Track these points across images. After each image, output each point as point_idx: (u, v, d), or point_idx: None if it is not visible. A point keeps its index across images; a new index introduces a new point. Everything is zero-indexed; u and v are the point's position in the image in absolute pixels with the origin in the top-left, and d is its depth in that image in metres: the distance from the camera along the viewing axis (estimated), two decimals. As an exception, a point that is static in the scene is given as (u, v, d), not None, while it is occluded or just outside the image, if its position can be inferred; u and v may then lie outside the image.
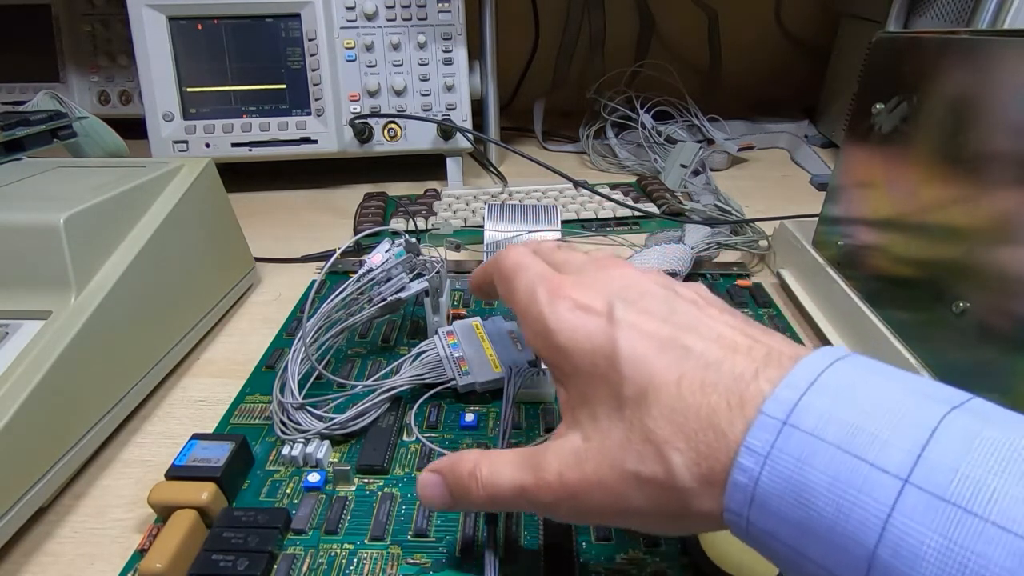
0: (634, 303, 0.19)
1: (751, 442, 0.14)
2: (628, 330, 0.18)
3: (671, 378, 0.16)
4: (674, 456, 0.16)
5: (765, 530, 0.14)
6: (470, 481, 0.20)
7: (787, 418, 0.14)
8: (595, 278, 0.20)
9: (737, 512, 0.15)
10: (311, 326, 0.33)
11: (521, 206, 0.47)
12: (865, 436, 0.13)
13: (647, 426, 0.16)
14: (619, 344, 0.18)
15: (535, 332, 0.20)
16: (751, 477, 0.14)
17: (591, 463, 0.18)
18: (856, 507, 0.13)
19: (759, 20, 0.91)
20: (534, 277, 0.21)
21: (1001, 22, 0.52)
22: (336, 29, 0.62)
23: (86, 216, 0.31)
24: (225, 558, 0.23)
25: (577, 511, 0.18)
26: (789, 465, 0.14)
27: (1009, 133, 0.26)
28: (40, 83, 0.76)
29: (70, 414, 0.28)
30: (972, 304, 0.27)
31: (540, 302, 0.20)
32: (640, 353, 0.17)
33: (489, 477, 0.20)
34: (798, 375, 0.15)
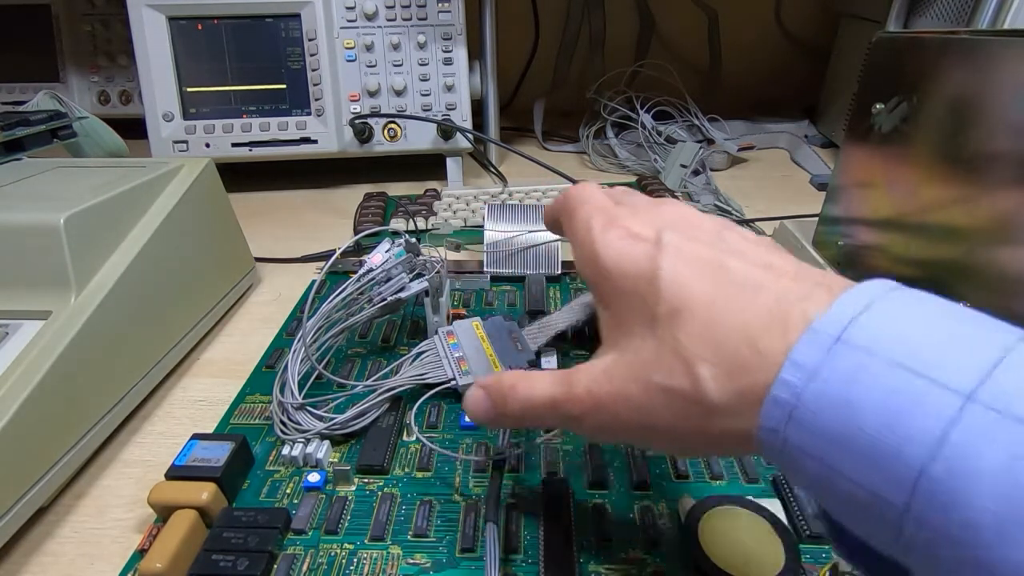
0: (683, 231, 0.19)
1: (796, 357, 0.14)
2: (672, 253, 0.18)
3: (708, 297, 0.16)
4: (702, 369, 0.16)
5: (800, 447, 0.14)
6: (510, 392, 0.21)
7: (840, 335, 0.14)
8: (650, 211, 0.20)
9: (772, 429, 0.14)
10: (311, 326, 0.33)
11: (521, 206, 0.47)
12: (925, 354, 0.13)
13: (678, 340, 0.16)
14: (660, 265, 0.18)
15: (585, 258, 0.20)
16: (794, 393, 0.14)
17: (619, 377, 0.18)
18: (909, 421, 0.12)
19: (759, 20, 0.91)
20: (592, 209, 0.21)
21: (1001, 22, 0.52)
22: (336, 29, 0.62)
23: (86, 216, 0.31)
24: (225, 558, 0.23)
25: (602, 424, 0.19)
26: (838, 380, 0.13)
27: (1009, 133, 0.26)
28: (40, 83, 0.76)
29: (70, 414, 0.28)
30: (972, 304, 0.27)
31: (594, 229, 0.20)
32: (679, 272, 0.17)
33: (526, 390, 0.21)
34: (854, 296, 0.14)
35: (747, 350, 0.15)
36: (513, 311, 0.42)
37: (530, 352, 0.34)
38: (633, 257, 0.19)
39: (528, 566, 0.24)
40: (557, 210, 0.25)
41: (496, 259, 0.45)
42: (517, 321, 0.37)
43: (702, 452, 0.18)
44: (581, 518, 0.26)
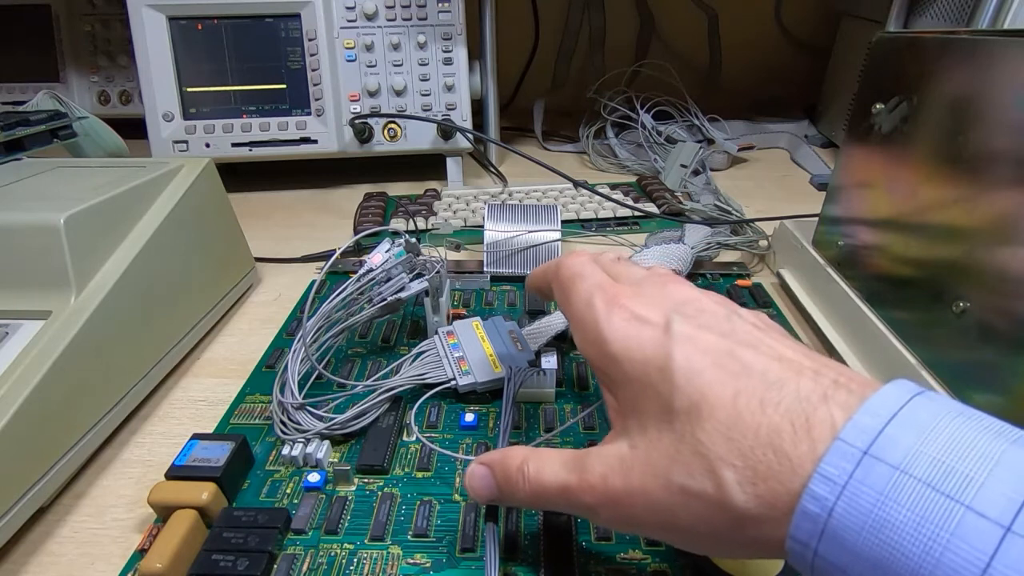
0: (692, 318, 0.18)
1: (826, 469, 0.14)
2: (684, 343, 0.17)
3: (727, 393, 0.16)
4: (726, 473, 0.15)
5: (835, 564, 0.14)
6: (517, 476, 0.20)
7: (868, 448, 0.13)
8: (653, 292, 0.20)
9: (803, 542, 0.14)
10: (311, 326, 0.33)
11: (521, 206, 0.47)
12: (958, 476, 0.13)
13: (698, 439, 0.16)
14: (673, 355, 0.17)
15: (589, 340, 0.20)
16: (824, 507, 0.14)
17: (636, 472, 0.17)
18: (949, 551, 0.12)
19: (759, 20, 0.91)
20: (592, 286, 0.21)
21: (1001, 22, 0.52)
22: (336, 29, 0.62)
23: (86, 216, 0.31)
24: (225, 558, 0.23)
25: (618, 518, 0.18)
26: (870, 499, 0.13)
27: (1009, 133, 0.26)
28: (40, 83, 0.76)
29: (70, 414, 0.28)
30: (972, 304, 0.27)
31: (596, 310, 0.20)
32: (695, 365, 0.17)
33: (536, 474, 0.20)
34: (878, 404, 0.14)
35: (772, 455, 0.15)
36: (513, 311, 0.42)
37: (530, 352, 0.34)
38: (641, 342, 0.18)
39: (528, 566, 0.24)
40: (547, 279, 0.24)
41: (496, 259, 0.45)
42: (517, 321, 0.37)
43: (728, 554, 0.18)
44: (581, 518, 0.26)
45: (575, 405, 0.33)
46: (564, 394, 0.34)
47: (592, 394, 0.34)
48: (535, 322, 0.36)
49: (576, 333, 0.21)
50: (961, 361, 0.28)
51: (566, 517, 0.25)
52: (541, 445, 0.30)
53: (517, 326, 0.36)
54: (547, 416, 0.32)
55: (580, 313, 0.21)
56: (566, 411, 0.32)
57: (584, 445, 0.30)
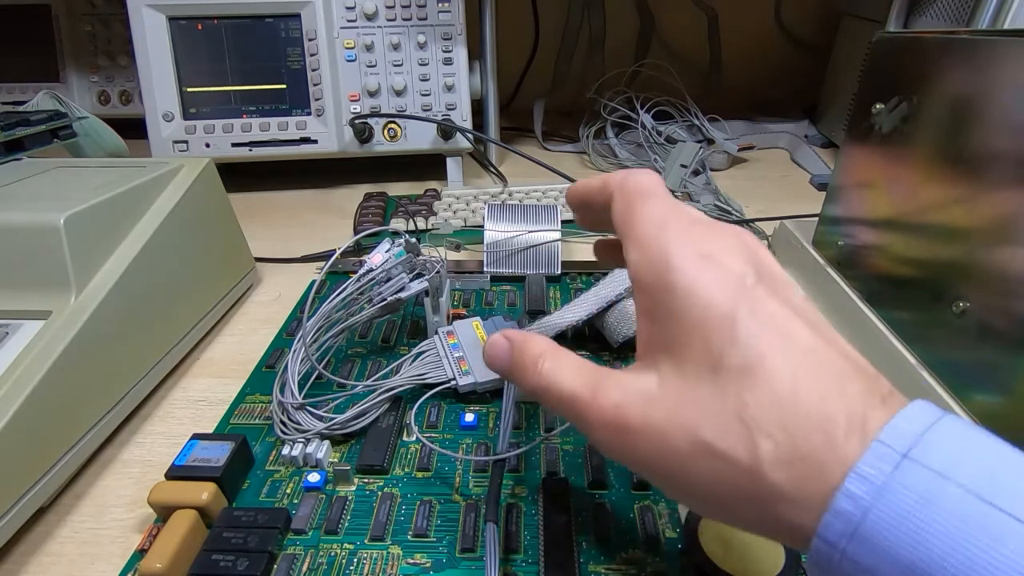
0: (768, 280, 0.17)
1: (863, 468, 0.13)
2: (755, 300, 0.16)
3: (787, 366, 0.15)
4: (765, 444, 0.14)
5: (863, 566, 0.13)
6: (531, 363, 0.19)
7: (908, 451, 0.13)
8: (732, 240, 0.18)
9: (831, 542, 0.13)
10: (311, 326, 0.33)
11: (521, 206, 0.47)
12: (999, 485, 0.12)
13: (744, 401, 0.15)
14: (739, 308, 0.16)
15: (649, 260, 0.18)
16: (859, 507, 0.13)
17: (659, 411, 0.16)
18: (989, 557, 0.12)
19: (759, 20, 0.91)
20: (667, 208, 0.19)
21: (1001, 22, 0.52)
22: (336, 29, 0.62)
23: (86, 216, 0.31)
24: (225, 558, 0.23)
25: (618, 446, 0.17)
26: (908, 502, 0.13)
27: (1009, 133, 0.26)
28: (40, 83, 0.76)
29: (70, 414, 0.28)
30: (972, 304, 0.27)
31: (668, 232, 0.18)
32: (761, 328, 0.16)
33: (549, 372, 0.19)
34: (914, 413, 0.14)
35: (821, 438, 0.14)
36: (513, 311, 0.42)
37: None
38: (709, 282, 0.17)
39: (528, 566, 0.24)
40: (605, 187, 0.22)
41: (496, 259, 0.45)
42: (517, 321, 0.37)
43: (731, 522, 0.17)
44: (581, 518, 0.26)
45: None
46: (564, 394, 0.34)
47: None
48: (535, 322, 0.36)
49: (633, 250, 0.19)
50: (961, 361, 0.28)
51: (566, 517, 0.25)
52: (541, 446, 0.30)
53: (517, 326, 0.36)
54: (547, 416, 0.32)
55: (647, 231, 0.19)
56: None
57: (584, 446, 0.30)
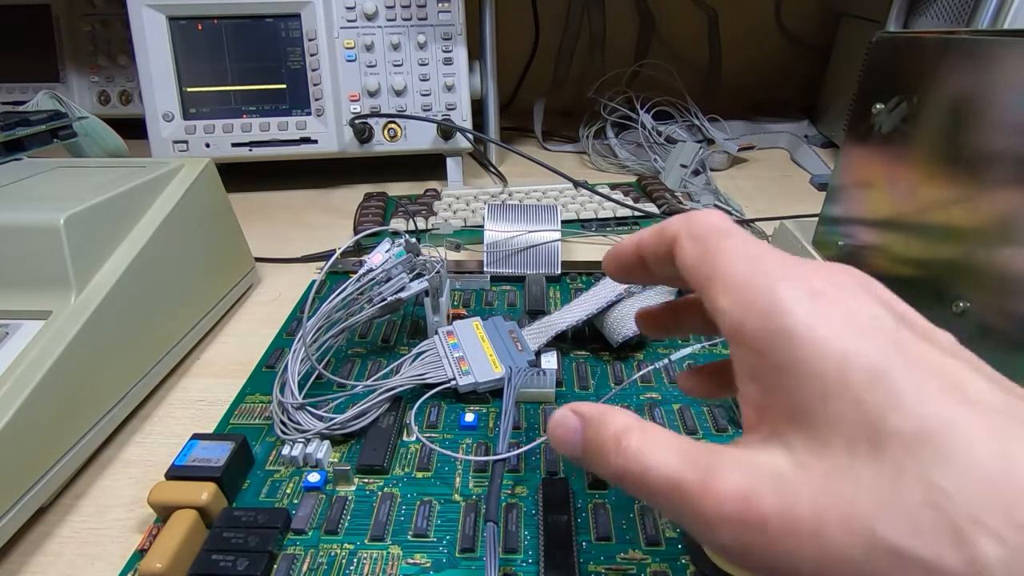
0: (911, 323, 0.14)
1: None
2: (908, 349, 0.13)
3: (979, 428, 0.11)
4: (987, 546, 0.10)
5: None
6: (612, 444, 0.15)
7: None
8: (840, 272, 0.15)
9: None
10: (311, 326, 0.33)
11: (521, 206, 0.47)
12: None
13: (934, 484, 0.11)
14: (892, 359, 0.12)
15: (750, 304, 0.14)
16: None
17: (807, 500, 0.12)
18: None
19: (759, 20, 0.91)
20: (757, 244, 0.16)
21: (1001, 22, 0.52)
22: (336, 29, 0.62)
23: (86, 216, 0.31)
24: (225, 558, 0.23)
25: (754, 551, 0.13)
26: None
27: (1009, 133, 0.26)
28: (40, 83, 0.76)
29: (70, 414, 0.28)
30: (972, 304, 0.27)
31: (770, 270, 0.15)
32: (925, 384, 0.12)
33: (638, 452, 0.15)
34: None
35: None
36: (513, 311, 0.42)
37: (530, 352, 0.34)
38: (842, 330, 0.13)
39: (528, 566, 0.24)
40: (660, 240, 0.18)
41: (496, 259, 0.45)
42: (517, 321, 0.37)
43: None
44: (581, 518, 0.26)
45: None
46: (564, 394, 0.34)
47: (592, 394, 0.34)
48: (535, 322, 0.36)
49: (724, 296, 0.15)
50: (961, 361, 0.28)
51: (566, 517, 0.25)
52: (540, 446, 0.30)
53: (517, 326, 0.36)
54: (547, 416, 0.32)
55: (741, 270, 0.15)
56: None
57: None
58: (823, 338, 0.13)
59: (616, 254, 0.20)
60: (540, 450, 0.30)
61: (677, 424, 0.31)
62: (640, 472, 0.15)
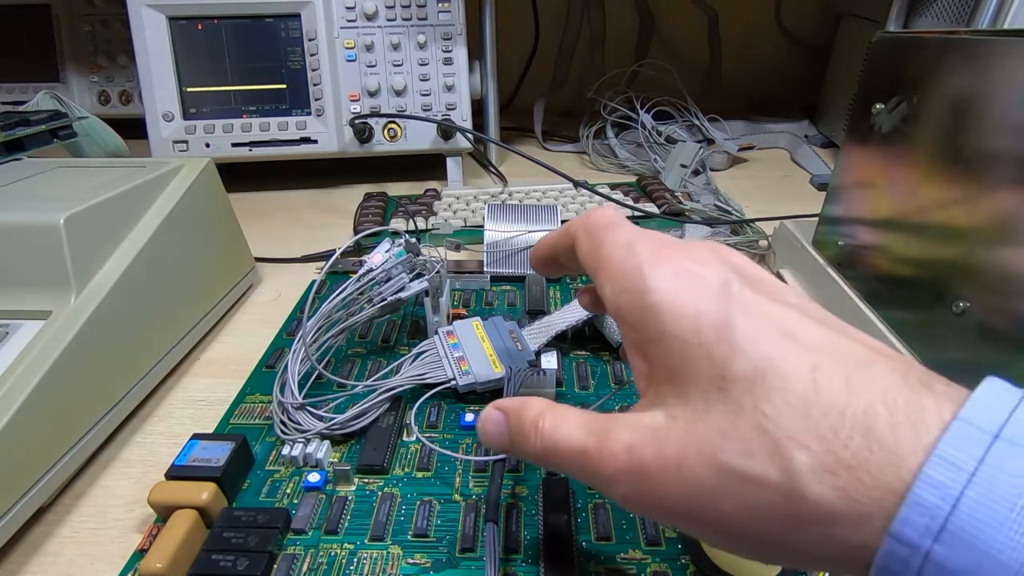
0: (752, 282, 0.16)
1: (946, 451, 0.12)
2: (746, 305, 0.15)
3: (803, 364, 0.14)
4: (798, 456, 0.13)
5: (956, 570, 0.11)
6: (531, 429, 0.18)
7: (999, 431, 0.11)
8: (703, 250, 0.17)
9: (912, 543, 0.11)
10: (311, 326, 0.33)
11: (521, 206, 0.47)
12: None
13: (763, 412, 0.13)
14: (733, 316, 0.15)
15: (624, 287, 0.17)
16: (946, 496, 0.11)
17: (673, 444, 0.15)
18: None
19: (759, 20, 0.91)
20: (633, 234, 0.18)
21: (1001, 22, 0.52)
22: (336, 29, 0.62)
23: (86, 216, 0.31)
24: (225, 558, 0.23)
25: (641, 495, 0.15)
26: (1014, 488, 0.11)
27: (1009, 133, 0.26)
28: (40, 83, 0.76)
29: (70, 414, 0.28)
30: (972, 304, 0.27)
31: (639, 255, 0.17)
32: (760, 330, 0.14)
33: (551, 431, 0.17)
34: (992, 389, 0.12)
35: (861, 440, 0.12)
36: (513, 311, 0.42)
37: (530, 352, 0.34)
38: (694, 296, 0.15)
39: (528, 566, 0.24)
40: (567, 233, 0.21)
41: (496, 259, 0.45)
42: (517, 321, 0.37)
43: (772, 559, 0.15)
44: (581, 518, 0.26)
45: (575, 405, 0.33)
46: (564, 394, 0.34)
47: (592, 394, 0.34)
48: (535, 322, 0.36)
49: (607, 282, 0.18)
50: (961, 361, 0.28)
51: (566, 517, 0.25)
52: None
53: (517, 326, 0.36)
54: (547, 416, 0.32)
55: (617, 258, 0.18)
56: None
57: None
58: (681, 308, 0.15)
59: (535, 253, 0.23)
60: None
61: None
62: (553, 447, 0.17)
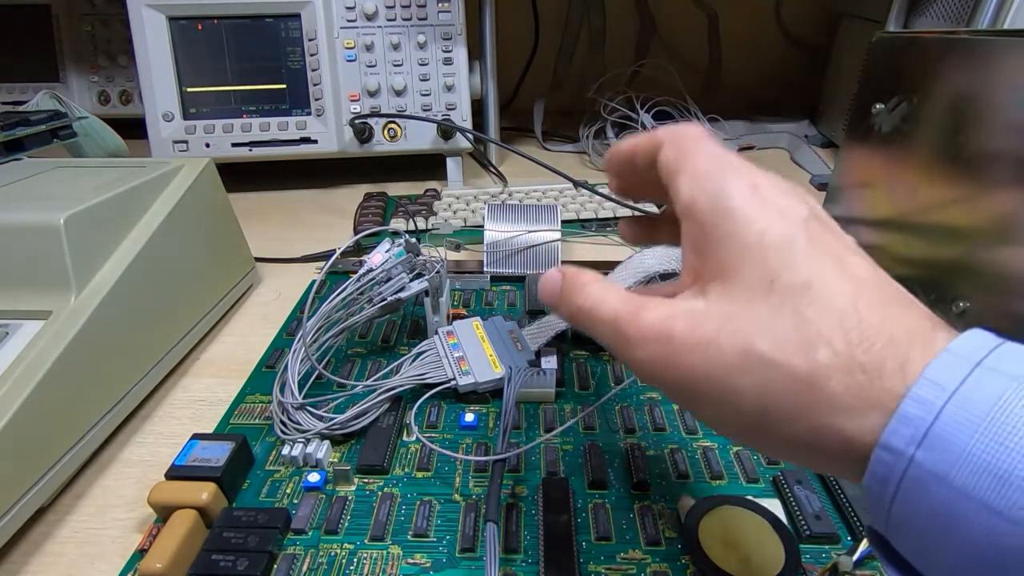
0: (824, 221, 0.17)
1: (932, 374, 0.13)
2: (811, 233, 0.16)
3: (848, 288, 0.15)
4: (823, 351, 0.14)
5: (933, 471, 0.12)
6: (579, 288, 0.20)
7: (982, 360, 0.13)
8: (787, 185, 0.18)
9: (897, 450, 0.13)
10: (311, 326, 0.33)
11: (521, 206, 0.47)
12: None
13: (803, 315, 0.15)
14: (796, 237, 0.16)
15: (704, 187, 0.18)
16: (929, 410, 0.13)
17: (708, 325, 0.16)
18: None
19: (759, 20, 0.91)
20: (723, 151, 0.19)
21: (1001, 22, 0.52)
22: (336, 29, 0.62)
23: (86, 216, 0.31)
24: (225, 558, 0.23)
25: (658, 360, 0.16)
26: (985, 404, 0.12)
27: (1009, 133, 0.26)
28: (40, 83, 0.76)
29: (70, 414, 0.28)
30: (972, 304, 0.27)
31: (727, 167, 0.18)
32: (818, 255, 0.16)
33: (597, 294, 0.19)
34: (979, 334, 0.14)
35: (881, 350, 0.14)
36: (513, 311, 0.42)
37: (530, 352, 0.34)
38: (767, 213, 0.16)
39: (528, 566, 0.24)
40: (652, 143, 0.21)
41: (496, 259, 0.45)
42: (517, 321, 0.37)
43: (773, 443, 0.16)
44: (581, 518, 0.26)
45: (575, 405, 0.33)
46: (564, 394, 0.34)
47: (592, 394, 0.34)
48: (535, 322, 0.36)
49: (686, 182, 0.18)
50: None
51: (566, 517, 0.25)
52: (540, 446, 0.30)
53: (517, 326, 0.36)
54: (547, 416, 0.32)
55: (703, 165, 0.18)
56: (566, 411, 0.32)
57: (584, 445, 0.30)
58: (752, 217, 0.17)
59: (616, 150, 0.23)
60: (540, 450, 0.30)
61: (677, 423, 0.31)
62: (591, 306, 0.19)
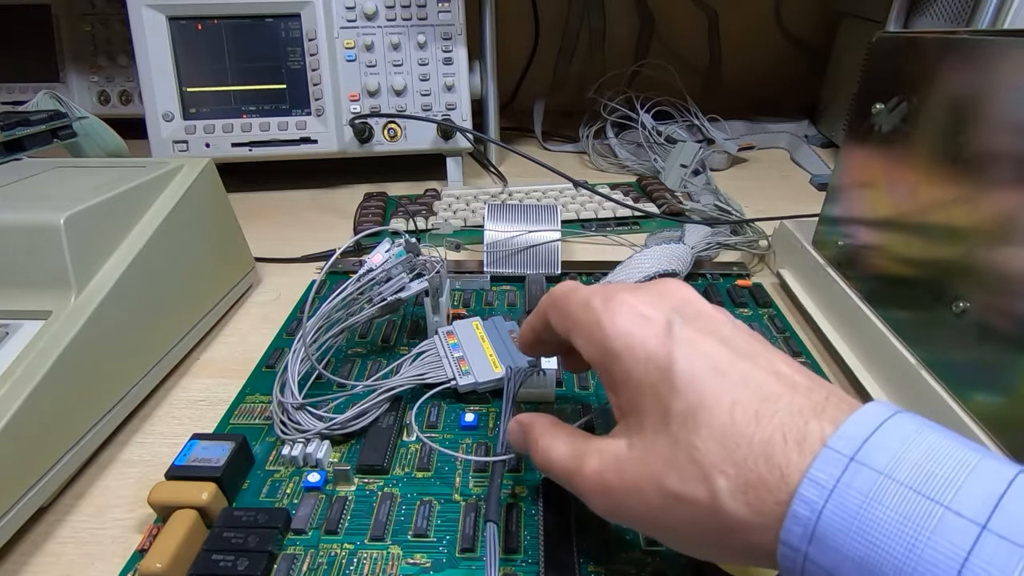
0: (692, 320, 0.19)
1: (815, 474, 0.14)
2: (684, 345, 0.18)
3: (725, 401, 0.17)
4: (719, 481, 0.16)
5: (824, 567, 0.14)
6: (533, 445, 0.22)
7: (855, 455, 0.14)
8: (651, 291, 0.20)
9: (794, 547, 0.15)
10: (311, 326, 0.33)
11: (521, 206, 0.47)
12: (938, 480, 0.13)
13: (694, 445, 0.16)
14: (674, 357, 0.18)
15: (590, 340, 0.20)
16: (813, 510, 0.14)
17: (630, 471, 0.18)
18: (929, 548, 0.13)
19: (759, 20, 0.91)
20: (587, 292, 0.21)
21: (1001, 22, 0.52)
22: (336, 29, 0.62)
23: (86, 216, 0.31)
24: (225, 558, 0.23)
25: (611, 509, 0.19)
26: (856, 501, 0.14)
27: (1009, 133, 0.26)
28: (40, 83, 0.76)
29: (70, 414, 0.28)
30: (972, 304, 0.27)
31: (595, 309, 0.20)
32: (695, 369, 0.17)
33: (545, 451, 0.21)
34: (863, 417, 0.15)
35: (764, 464, 0.15)
36: (513, 311, 0.42)
37: (530, 352, 0.34)
38: (643, 339, 0.19)
39: (528, 566, 0.24)
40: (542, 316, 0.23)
41: (496, 259, 0.45)
42: (517, 321, 0.37)
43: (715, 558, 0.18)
44: (581, 518, 0.26)
45: (575, 405, 0.33)
46: (564, 394, 0.34)
47: (592, 395, 0.34)
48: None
49: (578, 339, 0.21)
50: (961, 361, 0.28)
51: (566, 517, 0.25)
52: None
53: (517, 326, 0.36)
54: (547, 416, 0.32)
55: (579, 317, 0.21)
56: (566, 411, 0.32)
57: (584, 445, 0.30)
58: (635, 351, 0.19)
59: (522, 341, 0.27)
60: (540, 450, 0.30)
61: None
62: (549, 464, 0.21)
